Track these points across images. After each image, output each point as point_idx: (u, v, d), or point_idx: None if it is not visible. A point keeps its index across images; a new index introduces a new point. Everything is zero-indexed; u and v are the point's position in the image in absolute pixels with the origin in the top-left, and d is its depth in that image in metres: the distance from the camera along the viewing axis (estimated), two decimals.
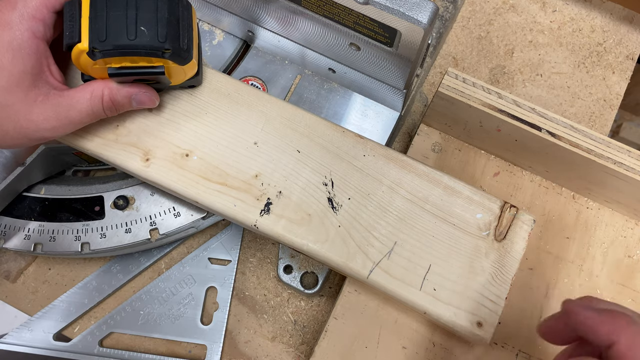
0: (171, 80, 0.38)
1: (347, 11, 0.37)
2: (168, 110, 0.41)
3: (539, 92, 0.55)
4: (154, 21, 0.34)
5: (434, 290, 0.38)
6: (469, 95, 0.42)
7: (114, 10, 0.33)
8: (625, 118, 0.88)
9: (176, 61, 0.35)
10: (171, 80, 0.38)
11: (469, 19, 0.57)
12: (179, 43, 0.35)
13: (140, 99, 0.38)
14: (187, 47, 0.36)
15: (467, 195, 0.40)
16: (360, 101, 0.49)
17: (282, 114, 0.41)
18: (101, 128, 0.41)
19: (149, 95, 0.38)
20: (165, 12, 0.34)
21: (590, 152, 0.41)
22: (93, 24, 0.33)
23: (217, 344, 0.48)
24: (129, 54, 0.34)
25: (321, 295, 0.50)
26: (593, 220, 0.47)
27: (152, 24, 0.34)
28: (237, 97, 0.42)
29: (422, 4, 0.34)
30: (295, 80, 0.50)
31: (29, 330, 0.48)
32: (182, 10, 0.36)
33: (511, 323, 0.44)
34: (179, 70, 0.37)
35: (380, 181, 0.40)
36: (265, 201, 0.39)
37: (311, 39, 0.45)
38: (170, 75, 0.37)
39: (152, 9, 0.34)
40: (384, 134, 0.48)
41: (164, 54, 0.34)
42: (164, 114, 0.41)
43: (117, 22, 0.33)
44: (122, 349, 0.48)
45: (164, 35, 0.34)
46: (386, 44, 0.39)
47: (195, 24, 0.38)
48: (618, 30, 0.57)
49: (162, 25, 0.34)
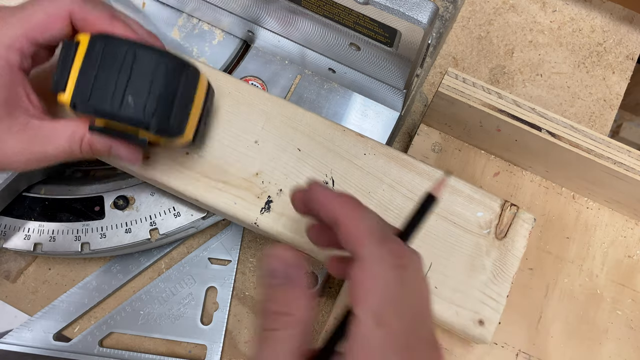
0: (161, 145, 0.35)
1: (347, 11, 0.37)
2: None
3: (539, 92, 0.55)
4: (145, 92, 0.31)
5: (435, 289, 0.38)
6: (469, 95, 0.42)
7: (106, 70, 0.31)
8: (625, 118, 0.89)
9: (162, 136, 0.33)
10: (160, 145, 0.36)
11: (469, 19, 0.57)
12: (168, 121, 0.32)
13: (120, 153, 0.35)
14: (178, 124, 0.32)
15: (468, 193, 0.40)
16: (360, 101, 0.49)
17: (282, 113, 0.41)
18: None
19: (129, 153, 0.35)
20: (160, 84, 0.31)
21: (590, 152, 0.41)
22: (81, 78, 0.31)
23: (217, 344, 0.48)
24: (111, 119, 0.31)
25: (321, 296, 0.50)
26: (593, 220, 0.47)
27: (142, 95, 0.30)
28: (237, 95, 0.42)
29: (422, 4, 0.34)
30: (295, 80, 0.50)
31: (29, 330, 0.48)
32: (185, 81, 0.32)
33: (511, 323, 0.44)
34: (167, 141, 0.34)
35: (380, 180, 0.40)
36: (266, 199, 0.39)
37: (311, 39, 0.45)
38: (158, 143, 0.35)
39: (147, 77, 0.31)
40: (384, 134, 0.48)
41: (147, 129, 0.31)
42: None
43: (104, 85, 0.30)
44: (122, 349, 0.48)
45: (152, 112, 0.31)
46: (386, 44, 0.39)
47: (200, 92, 0.35)
48: (618, 30, 0.57)
49: (153, 99, 0.31)
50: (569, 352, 0.44)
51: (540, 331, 0.44)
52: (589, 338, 0.45)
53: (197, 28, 0.51)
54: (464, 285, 0.38)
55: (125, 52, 0.31)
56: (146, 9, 0.52)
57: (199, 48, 0.51)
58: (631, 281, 0.46)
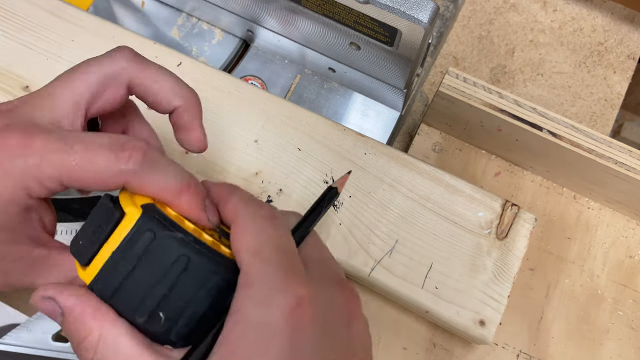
0: None
1: (347, 10, 0.37)
2: None
3: (539, 92, 0.55)
4: (182, 309, 0.23)
5: (436, 289, 0.38)
6: (469, 94, 0.41)
7: (144, 270, 0.23)
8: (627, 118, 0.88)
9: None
10: None
11: (469, 18, 0.57)
12: (196, 342, 0.24)
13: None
14: (207, 349, 0.24)
15: (469, 193, 0.40)
16: (360, 101, 0.49)
17: (282, 112, 0.41)
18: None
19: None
20: (204, 305, 0.24)
21: (591, 152, 0.41)
22: (110, 267, 0.24)
23: None
24: (131, 324, 0.24)
25: None
26: (594, 220, 0.47)
27: (178, 312, 0.23)
28: (237, 95, 0.42)
29: (423, 3, 0.34)
30: (295, 79, 0.50)
31: (28, 331, 0.47)
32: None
33: (512, 323, 0.44)
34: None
35: (381, 179, 0.40)
36: (266, 199, 0.39)
37: (311, 38, 0.44)
38: None
39: (190, 292, 0.23)
40: (384, 133, 0.48)
41: (173, 346, 0.24)
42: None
43: (137, 286, 0.23)
44: None
45: (182, 335, 0.24)
46: (386, 43, 0.39)
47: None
48: (619, 29, 0.56)
49: (188, 322, 0.24)
50: (569, 352, 0.44)
51: (541, 332, 0.44)
52: (590, 338, 0.44)
53: (196, 27, 0.51)
54: (465, 286, 0.38)
55: (176, 258, 0.23)
56: (145, 8, 0.52)
57: (198, 47, 0.51)
58: (632, 282, 0.46)
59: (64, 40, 0.43)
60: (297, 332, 0.22)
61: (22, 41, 0.43)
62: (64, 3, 0.44)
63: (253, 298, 0.23)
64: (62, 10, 0.44)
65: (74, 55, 0.43)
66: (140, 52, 0.43)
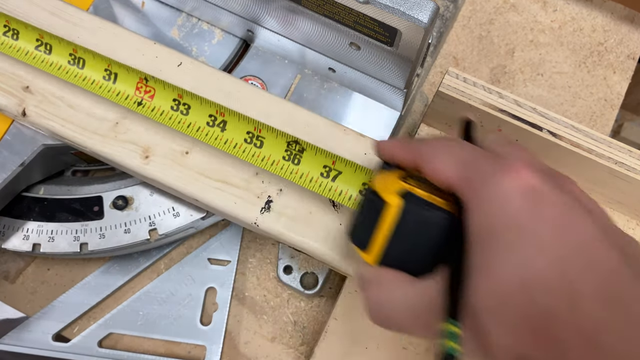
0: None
1: (347, 10, 0.37)
2: None
3: (539, 92, 0.55)
4: (439, 260, 0.28)
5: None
6: (469, 94, 0.41)
7: (414, 242, 0.28)
8: (627, 118, 0.88)
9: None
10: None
11: (469, 18, 0.57)
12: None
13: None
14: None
15: None
16: (360, 101, 0.49)
17: (282, 113, 0.41)
18: (100, 126, 0.41)
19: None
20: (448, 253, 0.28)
21: (591, 152, 0.41)
22: (391, 245, 0.29)
23: (216, 344, 0.47)
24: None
25: (321, 296, 0.50)
26: None
27: (436, 264, 0.28)
28: (237, 95, 0.42)
29: (423, 3, 0.34)
30: (295, 79, 0.50)
31: (28, 331, 0.48)
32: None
33: None
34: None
35: None
36: (266, 199, 0.39)
37: (311, 38, 0.44)
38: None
39: (442, 250, 0.28)
40: (384, 133, 0.48)
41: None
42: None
43: (411, 256, 0.28)
44: (121, 349, 0.48)
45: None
46: (386, 43, 0.39)
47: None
48: (619, 29, 0.56)
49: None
50: None
51: None
52: None
53: (196, 27, 0.51)
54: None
55: (436, 228, 0.28)
56: (145, 8, 0.52)
57: (198, 47, 0.51)
58: None
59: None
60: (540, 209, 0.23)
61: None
62: (64, 3, 0.44)
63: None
64: (62, 10, 0.44)
65: None
66: (140, 52, 0.44)
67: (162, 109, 0.40)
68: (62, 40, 0.41)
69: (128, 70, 0.40)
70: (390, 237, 0.29)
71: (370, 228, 0.29)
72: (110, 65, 0.40)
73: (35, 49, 0.41)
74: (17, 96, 0.42)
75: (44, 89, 0.42)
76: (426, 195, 0.29)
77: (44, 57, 0.41)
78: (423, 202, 0.28)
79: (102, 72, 0.40)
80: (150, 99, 0.40)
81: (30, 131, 0.44)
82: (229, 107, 0.39)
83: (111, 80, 0.40)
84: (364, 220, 0.30)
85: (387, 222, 0.29)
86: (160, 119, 0.40)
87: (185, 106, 0.40)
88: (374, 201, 0.29)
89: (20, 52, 0.41)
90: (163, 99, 0.40)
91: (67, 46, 0.41)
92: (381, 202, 0.29)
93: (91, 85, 0.40)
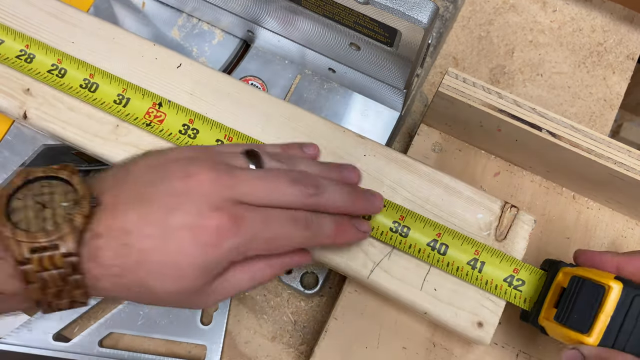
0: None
1: (347, 11, 0.37)
2: None
3: (539, 92, 0.55)
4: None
5: (435, 290, 0.38)
6: (469, 95, 0.41)
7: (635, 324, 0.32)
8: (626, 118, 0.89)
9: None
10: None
11: (469, 18, 0.57)
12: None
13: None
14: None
15: (468, 195, 0.40)
16: (360, 101, 0.49)
17: (282, 114, 0.41)
18: (101, 128, 0.41)
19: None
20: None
21: (590, 152, 0.41)
22: (612, 326, 0.32)
23: (216, 344, 0.48)
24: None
25: (321, 296, 0.50)
26: (593, 220, 0.47)
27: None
28: (237, 96, 0.42)
29: (422, 4, 0.34)
30: (295, 80, 0.50)
31: (29, 331, 0.48)
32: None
33: (511, 323, 0.44)
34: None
35: (381, 181, 0.40)
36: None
37: (311, 38, 0.45)
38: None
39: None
40: (384, 133, 0.48)
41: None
42: None
43: (637, 337, 0.32)
44: (121, 349, 0.48)
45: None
46: (386, 43, 0.39)
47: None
48: (618, 30, 0.57)
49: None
50: None
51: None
52: None
53: (196, 28, 0.51)
54: (463, 287, 0.38)
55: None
56: (146, 8, 0.52)
57: (198, 48, 0.51)
58: None
59: (64, 42, 0.43)
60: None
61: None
62: (63, 4, 0.44)
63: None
64: (61, 11, 0.44)
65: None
66: (140, 54, 0.44)
67: (170, 132, 0.40)
68: (79, 65, 0.42)
69: (143, 95, 0.41)
70: (613, 319, 0.32)
71: (593, 311, 0.32)
72: (126, 90, 0.41)
73: (47, 72, 0.41)
74: (18, 99, 0.42)
75: (44, 92, 0.42)
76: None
77: (55, 79, 0.41)
78: (638, 286, 0.32)
79: (114, 97, 0.41)
80: (159, 123, 0.40)
81: (30, 131, 0.45)
82: (236, 129, 0.40)
83: (122, 104, 0.40)
84: (584, 305, 0.33)
85: (609, 303, 0.32)
86: (167, 139, 0.40)
87: (194, 131, 0.40)
88: (596, 287, 0.33)
89: (31, 71, 0.42)
90: (172, 124, 0.40)
91: (84, 71, 0.41)
92: (601, 287, 0.32)
93: (101, 105, 0.41)
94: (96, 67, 0.42)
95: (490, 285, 0.37)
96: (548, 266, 0.38)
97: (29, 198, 0.27)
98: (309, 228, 0.31)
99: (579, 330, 0.32)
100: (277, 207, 0.30)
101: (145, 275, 0.27)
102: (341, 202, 0.33)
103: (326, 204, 0.32)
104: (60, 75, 0.41)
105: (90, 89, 0.41)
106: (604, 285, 0.32)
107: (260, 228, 0.29)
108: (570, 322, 0.33)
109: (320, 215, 0.32)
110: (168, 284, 0.28)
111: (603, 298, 0.32)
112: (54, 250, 0.26)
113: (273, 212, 0.30)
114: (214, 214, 0.28)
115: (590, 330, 0.32)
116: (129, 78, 0.42)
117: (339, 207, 0.33)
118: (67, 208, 0.27)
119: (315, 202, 0.31)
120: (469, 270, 0.37)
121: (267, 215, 0.29)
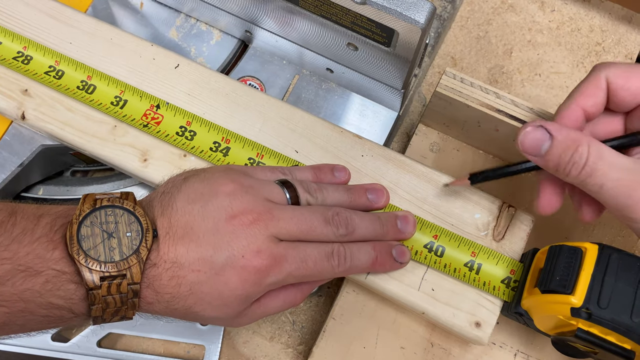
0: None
1: (344, 11, 0.37)
2: None
3: (537, 92, 0.55)
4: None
5: (432, 291, 0.38)
6: (467, 95, 0.41)
7: (624, 283, 0.32)
8: None
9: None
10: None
11: (467, 18, 0.57)
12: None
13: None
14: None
15: (466, 195, 0.40)
16: (358, 101, 0.49)
17: (280, 114, 0.41)
18: (99, 128, 0.41)
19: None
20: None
21: None
22: (594, 284, 0.32)
23: (215, 344, 0.48)
24: (618, 332, 0.31)
25: (320, 296, 0.50)
26: None
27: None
28: (235, 97, 0.42)
29: (420, 4, 0.34)
30: (293, 80, 0.50)
31: None
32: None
33: (509, 323, 0.44)
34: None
35: (378, 181, 0.40)
36: None
37: (309, 39, 0.45)
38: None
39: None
40: (382, 133, 0.48)
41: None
42: None
43: (623, 297, 0.32)
44: (120, 349, 0.48)
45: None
46: (384, 43, 0.39)
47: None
48: (617, 29, 0.57)
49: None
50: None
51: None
52: None
53: (195, 28, 0.51)
54: (461, 287, 0.38)
55: (637, 267, 0.32)
56: (144, 9, 0.52)
57: (196, 48, 0.51)
58: None
59: (62, 43, 0.43)
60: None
61: None
62: (61, 5, 0.44)
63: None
64: (59, 12, 0.44)
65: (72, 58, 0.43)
66: (138, 54, 0.44)
67: (168, 133, 0.40)
68: (77, 66, 0.42)
69: (141, 97, 0.41)
70: (592, 277, 0.32)
71: (570, 272, 0.33)
72: (123, 92, 0.41)
73: (45, 74, 0.42)
74: (16, 99, 0.42)
75: (42, 92, 0.42)
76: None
77: (53, 81, 0.41)
78: (614, 248, 0.33)
79: (112, 99, 0.41)
80: (156, 124, 0.40)
81: (29, 132, 0.45)
82: (233, 131, 0.40)
83: (119, 106, 0.41)
84: (565, 267, 0.33)
85: (588, 262, 0.33)
86: (164, 140, 0.40)
87: (191, 133, 0.40)
88: (573, 249, 0.34)
89: (28, 73, 0.42)
90: (170, 126, 0.40)
91: (82, 73, 0.41)
92: (579, 249, 0.33)
93: (98, 106, 0.41)
94: (94, 68, 0.42)
95: (488, 287, 0.37)
96: (524, 258, 0.38)
97: (96, 226, 0.30)
98: (343, 264, 0.34)
99: (563, 292, 0.32)
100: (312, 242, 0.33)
101: (193, 303, 0.31)
102: (373, 236, 0.36)
103: (358, 239, 0.35)
104: (57, 76, 0.41)
105: (88, 91, 0.41)
106: (581, 247, 0.34)
107: (297, 266, 0.32)
108: (554, 286, 0.33)
109: (357, 246, 0.35)
110: (213, 311, 0.31)
111: (582, 259, 0.33)
112: (121, 279, 0.29)
113: (310, 249, 0.33)
114: (257, 255, 0.31)
115: (573, 289, 0.32)
116: (126, 78, 0.42)
117: (372, 239, 0.36)
118: (131, 238, 0.30)
119: (348, 239, 0.34)
120: (466, 272, 0.37)
121: (305, 254, 0.32)
